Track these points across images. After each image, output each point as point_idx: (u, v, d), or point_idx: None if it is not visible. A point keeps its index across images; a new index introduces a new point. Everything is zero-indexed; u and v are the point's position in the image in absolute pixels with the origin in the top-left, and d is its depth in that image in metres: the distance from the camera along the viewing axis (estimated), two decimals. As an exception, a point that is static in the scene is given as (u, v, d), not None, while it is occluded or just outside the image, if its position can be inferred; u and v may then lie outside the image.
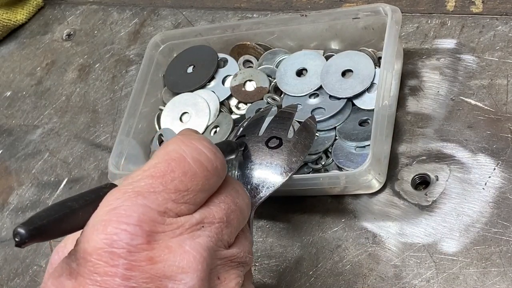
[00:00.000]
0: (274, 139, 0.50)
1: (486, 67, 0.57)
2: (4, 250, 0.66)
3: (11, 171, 0.73)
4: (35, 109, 0.78)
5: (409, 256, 0.50)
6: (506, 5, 0.60)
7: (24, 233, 0.32)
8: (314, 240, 0.54)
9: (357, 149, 0.54)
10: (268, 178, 0.48)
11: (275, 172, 0.48)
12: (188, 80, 0.64)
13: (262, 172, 0.48)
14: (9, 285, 0.63)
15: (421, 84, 0.58)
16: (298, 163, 0.48)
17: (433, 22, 0.62)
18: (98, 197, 0.35)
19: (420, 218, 0.51)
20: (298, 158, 0.48)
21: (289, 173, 0.48)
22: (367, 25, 0.58)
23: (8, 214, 0.69)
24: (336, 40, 0.61)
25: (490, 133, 0.53)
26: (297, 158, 0.48)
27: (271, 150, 0.49)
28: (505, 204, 0.49)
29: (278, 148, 0.49)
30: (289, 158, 0.48)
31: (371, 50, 0.58)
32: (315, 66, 0.60)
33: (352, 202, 0.54)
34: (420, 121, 0.56)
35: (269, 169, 0.48)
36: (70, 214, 0.34)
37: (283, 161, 0.48)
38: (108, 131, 0.71)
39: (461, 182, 0.51)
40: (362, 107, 0.56)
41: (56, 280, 0.34)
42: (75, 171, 0.69)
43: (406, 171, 0.54)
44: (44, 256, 0.64)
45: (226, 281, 0.37)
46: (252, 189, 0.48)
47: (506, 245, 0.47)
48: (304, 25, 0.61)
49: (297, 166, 0.48)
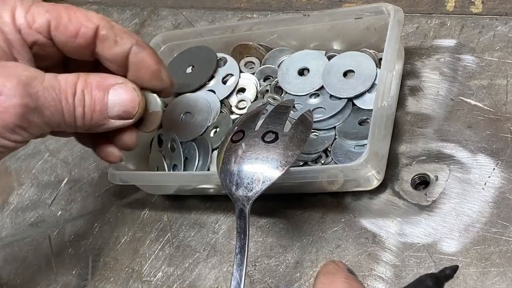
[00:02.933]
0: (270, 133, 0.50)
1: (486, 67, 0.57)
2: (4, 250, 0.66)
3: (11, 171, 0.73)
4: (35, 109, 0.78)
5: (409, 256, 0.50)
6: (506, 5, 0.60)
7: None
8: (314, 240, 0.54)
9: (356, 148, 0.54)
10: (264, 173, 0.48)
11: (272, 166, 0.48)
12: (188, 80, 0.64)
13: (258, 166, 0.48)
14: (9, 285, 0.63)
15: (421, 84, 0.58)
16: (295, 157, 0.49)
17: (433, 22, 0.62)
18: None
19: (420, 218, 0.51)
20: (294, 152, 0.49)
21: (285, 167, 0.48)
22: (369, 26, 0.58)
23: (8, 214, 0.69)
24: (337, 41, 0.61)
25: (490, 133, 0.53)
26: (293, 152, 0.49)
27: (267, 145, 0.49)
28: (504, 204, 0.49)
29: (274, 142, 0.49)
30: (285, 152, 0.48)
31: (372, 52, 0.58)
32: (317, 66, 0.60)
33: (352, 202, 0.54)
34: (420, 121, 0.56)
35: (265, 164, 0.48)
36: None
37: (279, 155, 0.48)
38: (108, 131, 0.71)
39: (460, 182, 0.52)
40: (363, 107, 0.56)
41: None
42: (75, 171, 0.69)
43: (406, 171, 0.54)
44: (44, 256, 0.64)
45: None
46: (248, 183, 0.48)
47: (505, 245, 0.47)
48: (305, 25, 0.61)
49: (294, 160, 0.48)
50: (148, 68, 0.50)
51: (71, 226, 0.65)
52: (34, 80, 0.44)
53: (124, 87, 0.48)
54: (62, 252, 0.63)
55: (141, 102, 0.49)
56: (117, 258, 0.60)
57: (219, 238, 0.57)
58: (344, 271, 0.41)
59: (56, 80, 0.46)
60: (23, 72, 0.44)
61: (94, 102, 0.47)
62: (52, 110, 0.45)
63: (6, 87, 0.43)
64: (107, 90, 0.48)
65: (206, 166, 0.58)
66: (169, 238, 0.59)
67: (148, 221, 0.62)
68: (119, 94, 0.48)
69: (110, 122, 0.49)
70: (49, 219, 0.67)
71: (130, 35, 0.49)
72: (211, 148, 0.59)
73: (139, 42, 0.49)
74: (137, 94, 0.49)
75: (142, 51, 0.49)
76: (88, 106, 0.47)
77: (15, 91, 0.43)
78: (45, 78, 0.45)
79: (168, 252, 0.59)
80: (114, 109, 0.48)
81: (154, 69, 0.50)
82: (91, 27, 0.48)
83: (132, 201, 0.64)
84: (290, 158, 0.48)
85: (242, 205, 0.48)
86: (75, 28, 0.47)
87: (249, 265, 0.54)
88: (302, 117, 0.51)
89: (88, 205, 0.66)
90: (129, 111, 0.49)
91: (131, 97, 0.48)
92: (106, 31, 0.48)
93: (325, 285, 0.40)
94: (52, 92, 0.45)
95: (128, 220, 0.63)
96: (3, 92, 0.43)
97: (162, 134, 0.62)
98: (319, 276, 0.41)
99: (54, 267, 0.63)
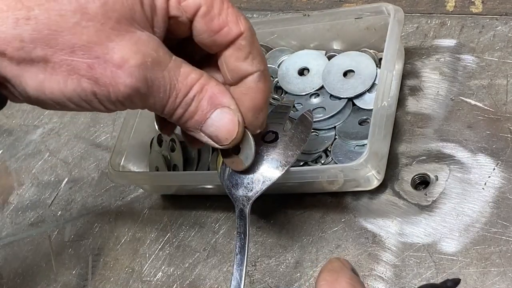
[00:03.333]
0: (270, 133, 0.50)
1: (486, 67, 0.57)
2: (4, 250, 0.66)
3: (11, 171, 0.73)
4: (35, 109, 0.78)
5: (409, 256, 0.50)
6: (506, 5, 0.60)
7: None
8: (314, 240, 0.54)
9: (356, 148, 0.54)
10: (264, 173, 0.48)
11: (272, 166, 0.48)
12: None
13: (258, 166, 0.48)
14: (9, 285, 0.63)
15: (421, 84, 0.58)
16: (295, 157, 0.48)
17: (433, 22, 0.62)
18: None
19: (420, 218, 0.51)
20: (294, 152, 0.49)
21: (285, 167, 0.48)
22: (369, 26, 0.58)
23: (8, 214, 0.69)
24: (337, 41, 0.61)
25: (490, 133, 0.53)
26: (293, 152, 0.49)
27: (267, 145, 0.49)
28: (504, 204, 0.49)
29: (274, 142, 0.49)
30: (285, 152, 0.48)
31: (372, 52, 0.58)
32: (317, 66, 0.60)
33: (352, 202, 0.54)
34: (420, 121, 0.56)
35: (265, 164, 0.48)
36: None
37: (279, 155, 0.48)
38: (108, 131, 0.71)
39: (460, 182, 0.52)
40: (363, 106, 0.56)
41: None
42: (75, 171, 0.69)
43: (406, 171, 0.54)
44: (44, 256, 0.64)
45: None
46: (248, 183, 0.48)
47: (505, 245, 0.47)
48: (305, 25, 0.61)
49: (294, 160, 0.48)
50: (254, 100, 0.47)
51: (71, 226, 0.65)
52: (157, 66, 0.42)
53: (231, 115, 0.46)
54: (62, 252, 0.63)
55: (236, 139, 0.46)
56: (117, 258, 0.60)
57: (219, 238, 0.57)
58: (349, 271, 0.41)
59: (176, 72, 0.44)
60: (151, 52, 0.42)
61: (196, 111, 0.45)
62: (157, 101, 0.44)
63: (128, 64, 0.41)
64: (215, 107, 0.45)
65: (206, 166, 0.58)
66: (169, 238, 0.59)
67: (148, 221, 0.62)
68: (222, 118, 0.45)
69: (199, 134, 0.46)
70: (49, 219, 0.67)
71: (262, 59, 0.47)
72: (211, 148, 0.59)
73: (265, 72, 0.47)
74: (237, 130, 0.46)
75: (263, 83, 0.46)
76: (189, 112, 0.45)
77: (134, 71, 0.41)
78: (168, 66, 0.43)
79: (168, 252, 0.59)
80: (209, 128, 0.46)
81: (258, 104, 0.47)
82: (235, 31, 0.45)
83: (132, 201, 0.64)
84: (290, 158, 0.48)
85: (242, 205, 0.48)
86: (220, 25, 0.45)
87: (249, 265, 0.54)
88: (302, 117, 0.51)
89: (88, 205, 0.66)
90: (220, 139, 0.46)
91: (231, 128, 0.46)
92: (245, 42, 0.45)
93: (329, 283, 0.39)
94: (166, 86, 0.43)
95: (128, 220, 0.63)
96: (123, 67, 0.41)
97: (162, 134, 0.62)
98: (323, 272, 0.40)
99: (54, 267, 0.63)
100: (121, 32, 0.41)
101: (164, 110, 0.45)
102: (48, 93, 0.42)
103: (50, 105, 0.43)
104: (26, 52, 0.40)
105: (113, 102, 0.42)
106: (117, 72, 0.41)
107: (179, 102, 0.44)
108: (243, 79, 0.46)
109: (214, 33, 0.45)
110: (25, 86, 0.41)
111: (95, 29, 0.41)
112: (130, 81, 0.41)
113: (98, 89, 0.41)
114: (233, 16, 0.45)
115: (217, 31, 0.45)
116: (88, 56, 0.41)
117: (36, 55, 0.40)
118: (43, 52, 0.40)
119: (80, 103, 0.42)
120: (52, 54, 0.40)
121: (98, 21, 0.41)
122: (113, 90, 0.42)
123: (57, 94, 0.42)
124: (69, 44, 0.40)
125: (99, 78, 0.41)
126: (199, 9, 0.44)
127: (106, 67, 0.41)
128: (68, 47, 0.40)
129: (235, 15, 0.45)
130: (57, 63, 0.40)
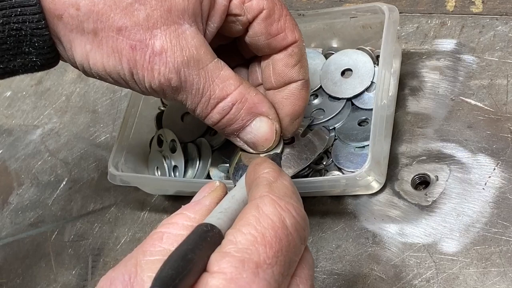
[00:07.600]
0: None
1: (486, 67, 0.57)
2: (4, 250, 0.66)
3: (11, 171, 0.73)
4: (35, 109, 0.78)
5: (409, 256, 0.50)
6: (506, 5, 0.60)
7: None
8: (314, 240, 0.53)
9: (356, 150, 0.54)
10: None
11: (285, 165, 0.49)
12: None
13: None
14: (9, 285, 0.63)
15: (421, 84, 0.58)
16: (308, 161, 0.50)
17: (433, 22, 0.62)
18: (208, 243, 0.34)
19: (420, 218, 0.51)
20: (308, 156, 0.50)
21: (297, 168, 0.49)
22: (365, 24, 0.58)
23: (8, 214, 0.69)
24: (334, 40, 0.61)
25: (490, 133, 0.53)
26: (307, 156, 0.50)
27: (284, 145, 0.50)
28: (505, 204, 0.49)
29: (290, 144, 0.51)
30: (299, 155, 0.50)
31: (369, 49, 0.58)
32: (315, 65, 0.60)
33: (352, 203, 0.54)
34: (420, 121, 0.56)
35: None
36: (193, 267, 0.33)
37: (294, 156, 0.50)
38: (108, 131, 0.71)
39: (461, 182, 0.52)
40: (361, 106, 0.56)
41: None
42: (75, 171, 0.69)
43: (406, 171, 0.54)
44: (44, 256, 0.64)
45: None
46: None
47: (506, 245, 0.47)
48: (302, 25, 0.61)
49: (306, 164, 0.50)
50: (294, 106, 0.48)
51: (71, 226, 0.65)
52: (194, 63, 0.43)
53: (270, 124, 0.47)
54: (62, 252, 0.63)
55: (272, 146, 0.48)
56: (117, 258, 0.60)
57: (219, 238, 0.57)
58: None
59: (214, 74, 0.44)
60: (191, 48, 0.43)
61: (236, 119, 0.46)
62: (188, 97, 0.44)
63: (167, 54, 0.42)
64: (255, 117, 0.46)
65: (207, 168, 0.58)
66: (169, 238, 0.59)
67: (148, 221, 0.62)
68: (261, 127, 0.47)
69: (235, 139, 0.48)
70: (49, 219, 0.67)
71: (308, 69, 0.48)
72: (211, 149, 0.59)
73: (308, 82, 0.49)
74: (275, 138, 0.48)
75: (305, 91, 0.48)
76: (227, 119, 0.46)
77: (170, 63, 0.42)
78: (206, 66, 0.44)
79: (168, 252, 0.58)
80: (247, 135, 0.47)
81: (297, 111, 0.49)
82: (290, 38, 0.46)
83: (132, 201, 0.64)
84: (303, 161, 0.50)
85: None
86: (278, 30, 0.46)
87: (249, 265, 0.54)
88: (319, 130, 0.53)
89: (88, 205, 0.66)
90: (256, 146, 0.48)
91: (269, 136, 0.47)
92: (297, 50, 0.47)
93: (249, 173, 0.39)
94: (200, 84, 0.44)
95: (128, 220, 0.63)
96: (162, 56, 0.42)
97: (162, 134, 0.62)
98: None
99: (54, 267, 0.63)
100: (168, 21, 0.43)
101: (196, 109, 0.45)
102: (92, 64, 0.43)
103: (92, 74, 0.45)
104: (79, 21, 0.42)
105: (147, 87, 0.44)
106: (154, 58, 0.42)
107: (213, 105, 0.45)
108: (286, 84, 0.48)
109: (271, 37, 0.46)
110: (73, 51, 0.43)
111: (145, 14, 0.42)
112: (164, 70, 0.43)
113: (135, 71, 0.43)
114: (290, 23, 0.47)
115: (274, 35, 0.46)
116: (132, 38, 0.42)
117: (87, 26, 0.42)
118: (94, 26, 0.42)
119: (118, 79, 0.44)
120: (101, 29, 0.42)
121: (150, 7, 0.42)
122: (148, 75, 0.43)
123: (99, 67, 0.43)
124: (118, 23, 0.42)
125: (137, 61, 0.42)
126: (261, 11, 0.46)
127: (146, 51, 0.42)
128: (117, 26, 0.42)
129: (292, 23, 0.47)
130: (104, 38, 0.42)
